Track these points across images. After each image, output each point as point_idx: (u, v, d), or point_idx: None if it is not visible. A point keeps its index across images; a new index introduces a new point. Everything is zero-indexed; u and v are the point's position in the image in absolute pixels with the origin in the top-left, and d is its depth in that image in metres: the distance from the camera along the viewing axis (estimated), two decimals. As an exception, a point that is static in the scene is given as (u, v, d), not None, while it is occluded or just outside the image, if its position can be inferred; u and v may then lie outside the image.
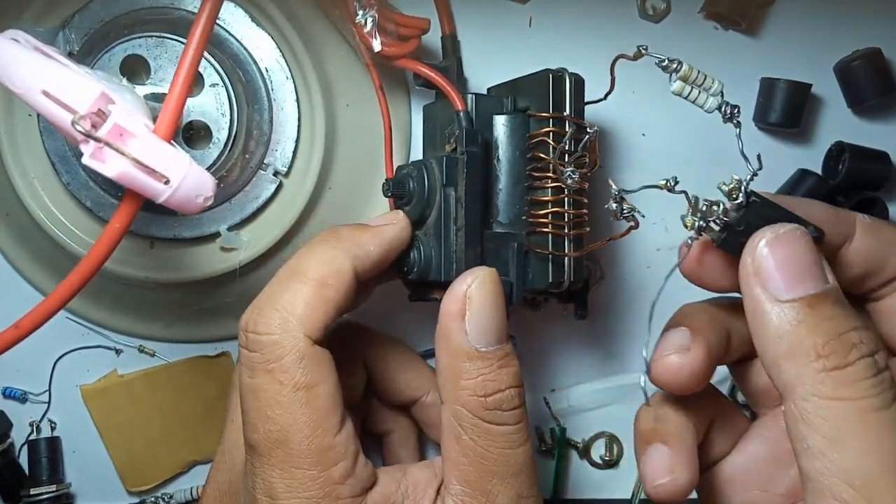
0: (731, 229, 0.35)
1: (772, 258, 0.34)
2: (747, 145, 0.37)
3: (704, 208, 0.36)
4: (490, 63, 0.52)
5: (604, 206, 0.38)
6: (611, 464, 0.56)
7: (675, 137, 0.53)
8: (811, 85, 0.51)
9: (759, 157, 0.36)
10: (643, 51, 0.39)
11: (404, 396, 0.50)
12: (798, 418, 0.32)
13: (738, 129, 0.37)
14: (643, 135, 0.54)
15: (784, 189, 0.53)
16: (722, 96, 0.38)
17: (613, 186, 0.37)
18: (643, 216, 0.38)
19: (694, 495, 0.40)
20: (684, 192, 0.36)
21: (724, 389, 0.53)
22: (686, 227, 0.36)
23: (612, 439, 0.56)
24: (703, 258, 0.37)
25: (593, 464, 0.56)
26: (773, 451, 0.41)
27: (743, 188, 0.35)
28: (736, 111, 0.38)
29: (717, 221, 0.35)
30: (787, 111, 0.51)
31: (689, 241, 0.37)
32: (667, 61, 0.38)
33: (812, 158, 0.53)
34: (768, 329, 0.33)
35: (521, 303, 0.44)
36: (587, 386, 0.56)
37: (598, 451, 0.56)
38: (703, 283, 0.39)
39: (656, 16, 0.53)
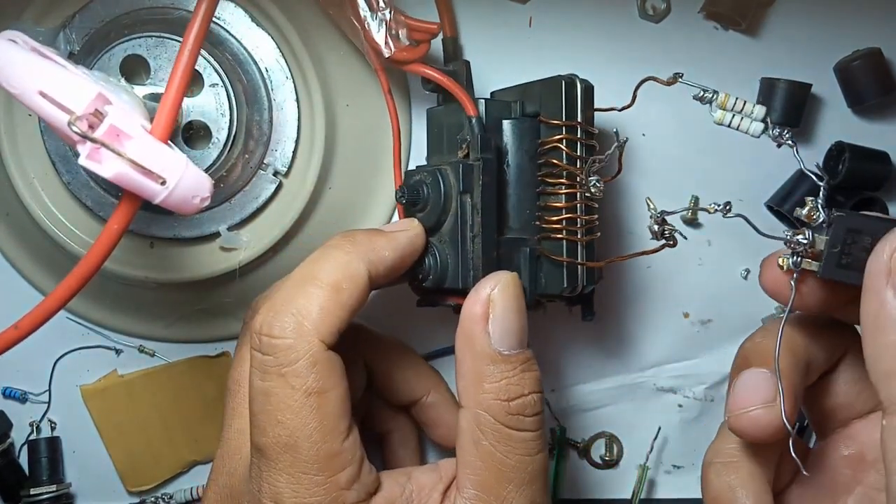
0: (827, 254, 0.33)
1: None
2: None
3: (787, 236, 0.34)
4: (490, 63, 0.52)
5: (645, 226, 0.37)
6: (611, 464, 0.56)
7: (675, 137, 0.53)
8: (811, 85, 0.51)
9: (818, 166, 0.35)
10: (678, 78, 0.38)
11: (405, 397, 0.50)
12: None
13: (794, 149, 0.36)
14: (643, 135, 0.54)
15: (784, 189, 0.53)
16: (766, 120, 0.37)
17: (653, 206, 0.36)
18: (685, 238, 0.37)
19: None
20: (742, 216, 0.35)
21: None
22: (782, 268, 0.34)
23: (612, 439, 0.56)
24: (801, 289, 0.35)
25: (593, 464, 0.56)
26: (833, 479, 0.40)
27: (820, 207, 0.34)
28: (786, 133, 0.37)
29: (808, 251, 0.34)
30: (787, 111, 0.51)
31: (792, 283, 0.35)
32: (702, 93, 0.37)
33: (812, 158, 0.53)
34: (888, 338, 0.31)
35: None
36: (587, 386, 0.56)
37: (598, 451, 0.56)
38: (804, 310, 0.37)
39: (656, 16, 0.53)
